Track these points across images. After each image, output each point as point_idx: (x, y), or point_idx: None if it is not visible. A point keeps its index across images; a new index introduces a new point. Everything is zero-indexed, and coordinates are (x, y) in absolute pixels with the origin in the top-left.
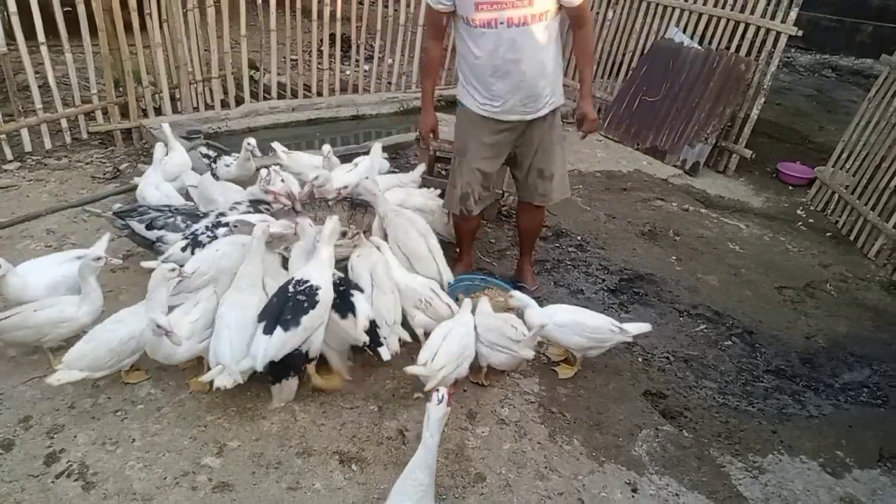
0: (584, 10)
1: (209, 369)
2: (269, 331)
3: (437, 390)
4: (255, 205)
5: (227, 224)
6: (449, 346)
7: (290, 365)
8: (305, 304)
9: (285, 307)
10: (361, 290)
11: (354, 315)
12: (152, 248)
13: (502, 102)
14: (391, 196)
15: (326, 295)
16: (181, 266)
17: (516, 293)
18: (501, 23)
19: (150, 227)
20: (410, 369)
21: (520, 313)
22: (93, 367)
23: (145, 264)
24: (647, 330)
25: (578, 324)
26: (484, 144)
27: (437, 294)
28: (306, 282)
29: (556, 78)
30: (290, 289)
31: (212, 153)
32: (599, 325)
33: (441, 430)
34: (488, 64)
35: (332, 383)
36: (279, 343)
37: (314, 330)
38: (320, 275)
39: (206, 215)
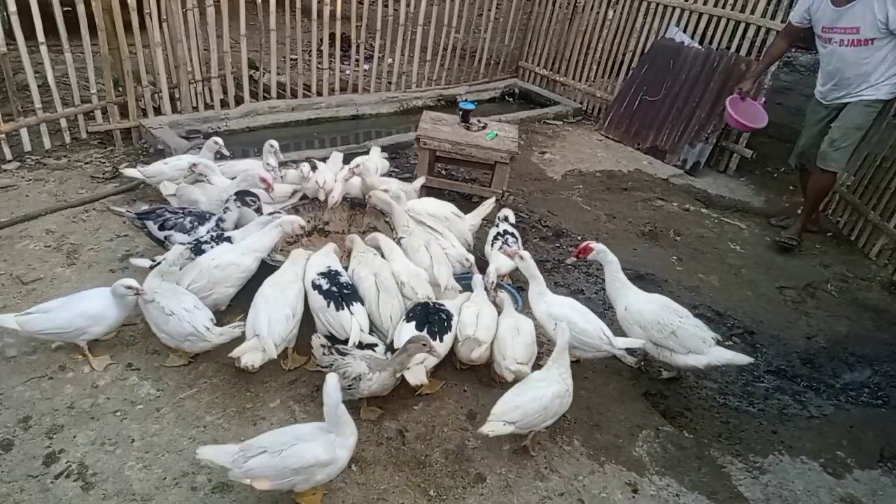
0: None
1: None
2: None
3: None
4: (242, 196)
5: (228, 238)
6: (485, 322)
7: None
8: (446, 325)
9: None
10: (362, 303)
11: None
12: (163, 247)
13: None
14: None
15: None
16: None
17: (524, 253)
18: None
19: (162, 227)
20: (469, 338)
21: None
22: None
23: (135, 261)
24: (639, 345)
25: (570, 322)
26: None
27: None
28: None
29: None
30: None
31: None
32: (588, 329)
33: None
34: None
35: (433, 388)
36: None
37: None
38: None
39: (211, 216)
